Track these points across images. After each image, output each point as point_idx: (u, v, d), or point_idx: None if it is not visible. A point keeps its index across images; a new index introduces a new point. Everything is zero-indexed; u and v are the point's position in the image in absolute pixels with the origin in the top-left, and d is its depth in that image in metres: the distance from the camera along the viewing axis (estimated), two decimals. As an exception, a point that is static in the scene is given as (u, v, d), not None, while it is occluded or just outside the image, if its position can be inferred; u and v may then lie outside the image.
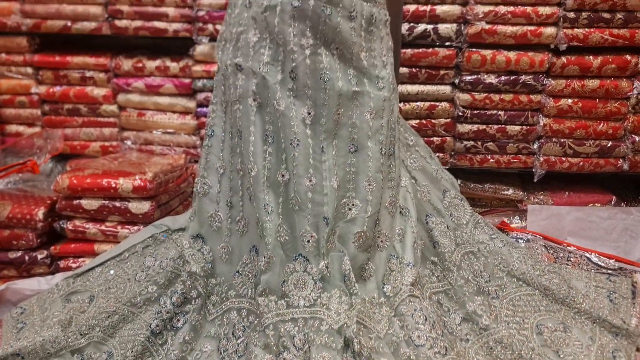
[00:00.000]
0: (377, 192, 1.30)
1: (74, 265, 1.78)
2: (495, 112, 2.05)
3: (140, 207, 1.77)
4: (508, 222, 2.06)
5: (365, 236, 1.28)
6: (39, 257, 1.78)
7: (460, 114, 2.07)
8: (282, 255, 1.24)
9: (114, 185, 1.75)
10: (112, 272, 1.52)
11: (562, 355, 1.30)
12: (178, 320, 1.35)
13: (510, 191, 2.15)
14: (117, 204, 1.78)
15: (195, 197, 1.43)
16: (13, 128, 2.30)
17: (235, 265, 1.36)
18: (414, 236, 1.37)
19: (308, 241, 1.22)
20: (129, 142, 2.22)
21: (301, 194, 1.23)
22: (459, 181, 2.14)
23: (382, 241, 1.33)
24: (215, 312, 1.35)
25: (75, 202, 1.78)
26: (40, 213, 1.76)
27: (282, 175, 1.24)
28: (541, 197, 2.14)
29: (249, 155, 1.27)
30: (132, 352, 1.30)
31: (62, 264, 1.80)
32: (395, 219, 1.37)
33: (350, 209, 1.28)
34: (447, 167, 2.11)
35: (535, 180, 2.11)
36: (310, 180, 1.23)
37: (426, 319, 1.26)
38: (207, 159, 1.41)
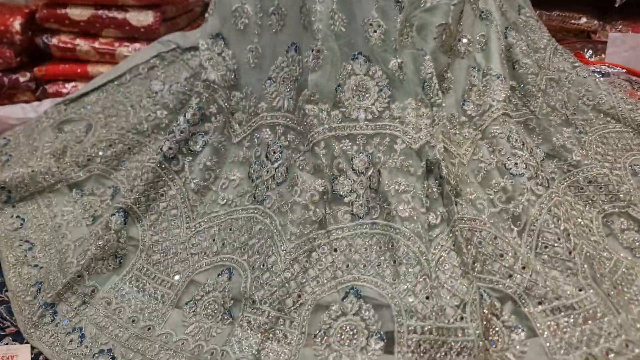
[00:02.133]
0: None
1: (64, 90, 1.56)
2: None
3: (141, 18, 1.48)
4: (581, 54, 1.78)
5: (449, 31, 0.98)
6: (21, 79, 1.55)
7: None
8: (337, 51, 0.95)
9: (107, -12, 1.45)
10: (110, 97, 1.33)
11: None
12: (196, 142, 1.09)
13: (583, 20, 1.85)
14: (113, 13, 1.49)
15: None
16: None
17: (266, 71, 1.07)
18: (500, 43, 1.08)
19: (375, 31, 0.93)
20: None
21: None
22: (523, 6, 1.83)
23: (462, 45, 1.04)
24: (241, 131, 1.08)
25: (60, 10, 1.49)
26: (16, 24, 1.48)
27: None
28: (620, 27, 1.85)
29: None
30: (141, 180, 1.05)
31: (50, 88, 1.58)
32: (475, 22, 1.07)
33: None
34: (511, -12, 1.78)
35: (616, 5, 1.77)
36: None
37: (524, 144, 0.99)
38: None
